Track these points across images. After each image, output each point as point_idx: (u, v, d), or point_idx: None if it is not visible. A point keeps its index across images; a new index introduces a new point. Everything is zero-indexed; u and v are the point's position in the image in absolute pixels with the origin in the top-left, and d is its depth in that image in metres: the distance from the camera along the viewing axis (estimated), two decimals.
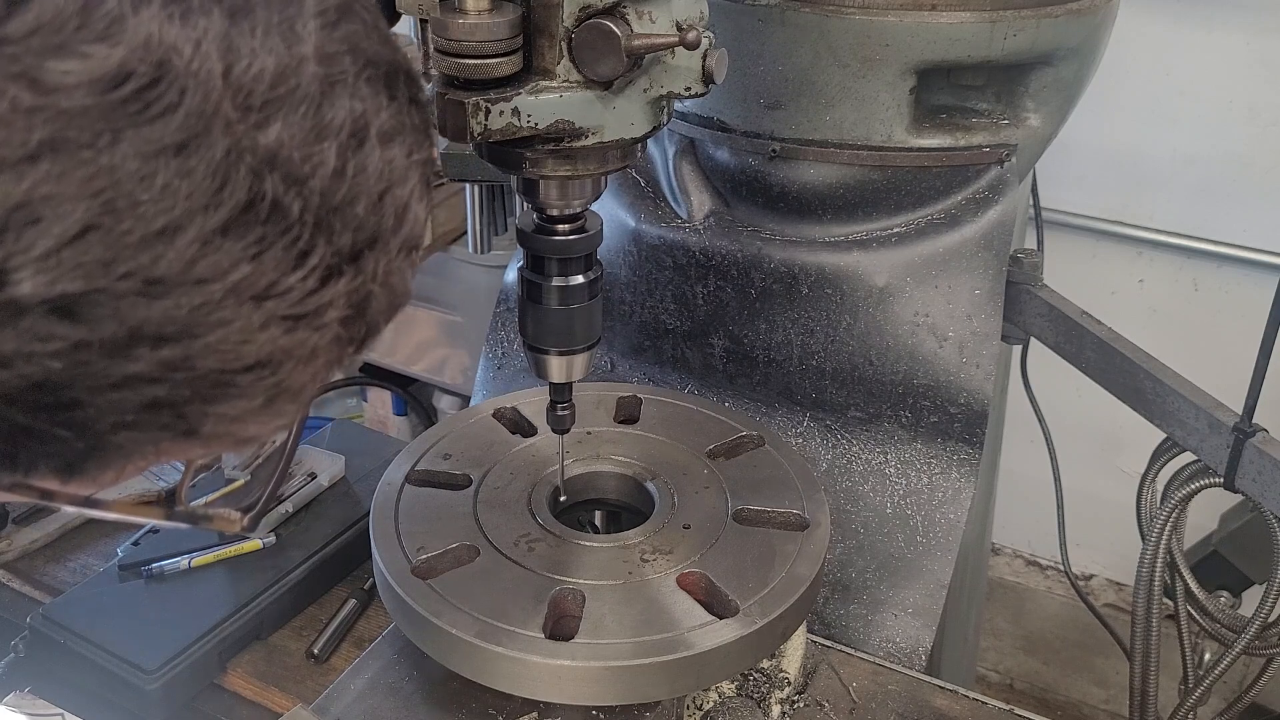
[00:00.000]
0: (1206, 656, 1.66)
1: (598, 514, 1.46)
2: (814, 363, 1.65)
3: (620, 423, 1.48)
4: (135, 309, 0.57)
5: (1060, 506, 1.90)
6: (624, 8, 1.00)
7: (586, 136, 1.05)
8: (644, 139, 1.10)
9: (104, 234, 0.55)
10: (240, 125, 0.58)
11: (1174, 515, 1.58)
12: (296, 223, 0.60)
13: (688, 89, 1.06)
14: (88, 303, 0.56)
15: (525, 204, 1.16)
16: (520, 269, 1.20)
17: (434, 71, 1.03)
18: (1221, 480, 1.50)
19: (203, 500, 0.84)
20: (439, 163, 0.73)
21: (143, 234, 0.56)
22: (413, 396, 3.48)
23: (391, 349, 3.07)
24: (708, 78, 1.06)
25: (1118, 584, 3.23)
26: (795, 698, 1.34)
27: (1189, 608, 1.63)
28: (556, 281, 1.18)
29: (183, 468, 0.80)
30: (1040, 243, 1.99)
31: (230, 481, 1.61)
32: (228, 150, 0.57)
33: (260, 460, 0.81)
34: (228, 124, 0.57)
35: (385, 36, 0.68)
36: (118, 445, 0.61)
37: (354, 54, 0.64)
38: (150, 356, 0.58)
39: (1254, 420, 1.46)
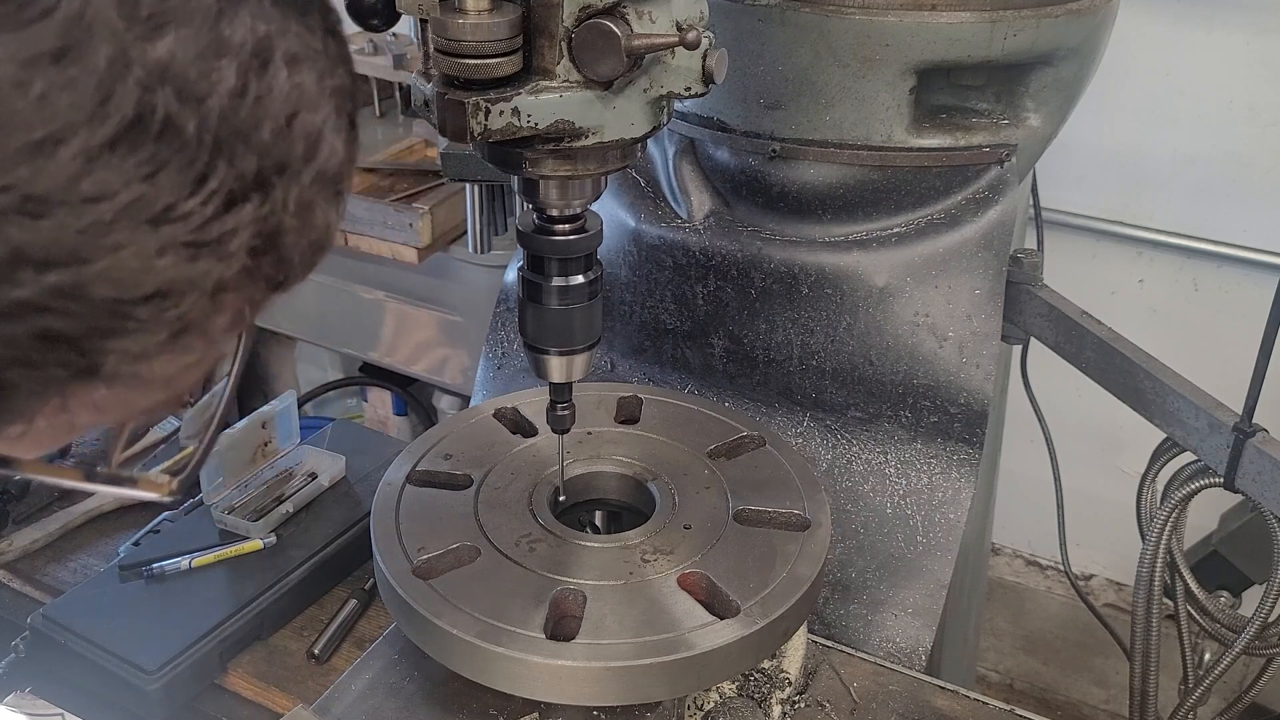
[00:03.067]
0: (1206, 656, 1.66)
1: (598, 514, 1.46)
2: (814, 363, 1.65)
3: (621, 423, 1.48)
4: (16, 227, 0.54)
5: (1060, 506, 1.90)
6: (624, 8, 1.00)
7: (586, 136, 1.05)
8: (644, 139, 1.10)
9: None
10: (128, 35, 0.56)
11: (1174, 515, 1.58)
12: (193, 142, 0.58)
13: (688, 89, 1.06)
14: None
15: (525, 204, 1.16)
16: (520, 269, 1.20)
17: (434, 71, 1.03)
18: (1221, 480, 1.50)
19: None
20: (362, 98, 0.70)
21: (19, 145, 0.54)
22: (413, 396, 3.48)
23: (391, 349, 3.07)
24: (708, 78, 1.06)
25: (1118, 584, 3.23)
26: (796, 698, 1.34)
27: (1189, 608, 1.63)
28: (556, 281, 1.18)
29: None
30: (1040, 243, 1.99)
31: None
32: (112, 60, 0.55)
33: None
34: (113, 32, 0.55)
35: None
36: (13, 385, 0.59)
37: None
38: (37, 281, 0.56)
39: (1254, 420, 1.46)
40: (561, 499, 1.35)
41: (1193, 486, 1.54)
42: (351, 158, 0.69)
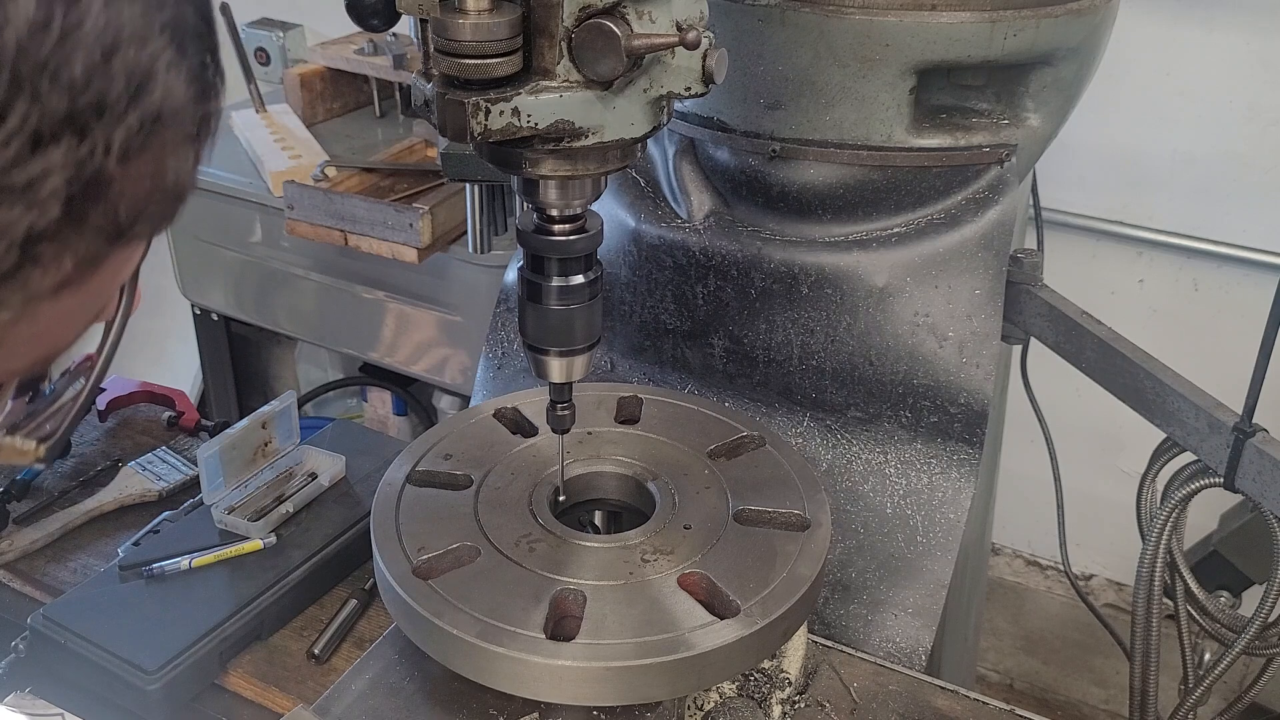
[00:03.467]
0: (1206, 656, 1.66)
1: (598, 514, 1.46)
2: (814, 363, 1.65)
3: (621, 423, 1.48)
4: None
5: (1060, 506, 1.90)
6: (624, 8, 1.00)
7: (586, 136, 1.05)
8: (644, 139, 1.10)
9: None
10: None
11: (1174, 515, 1.58)
12: None
13: (688, 89, 1.06)
14: None
15: (525, 204, 1.16)
16: (520, 269, 1.20)
17: (434, 71, 1.03)
18: (1221, 480, 1.50)
19: None
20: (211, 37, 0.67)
21: None
22: (413, 396, 3.49)
23: (391, 349, 3.07)
24: (708, 78, 1.06)
25: (1118, 584, 3.23)
26: (796, 698, 1.34)
27: (1189, 608, 1.63)
28: (557, 281, 1.18)
29: None
30: (1040, 243, 1.99)
31: None
32: None
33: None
34: None
35: None
36: None
37: None
38: None
39: (1254, 420, 1.46)
40: (561, 499, 1.35)
41: (1193, 486, 1.54)
42: (203, 99, 0.64)
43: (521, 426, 1.47)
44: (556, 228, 1.15)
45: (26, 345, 0.64)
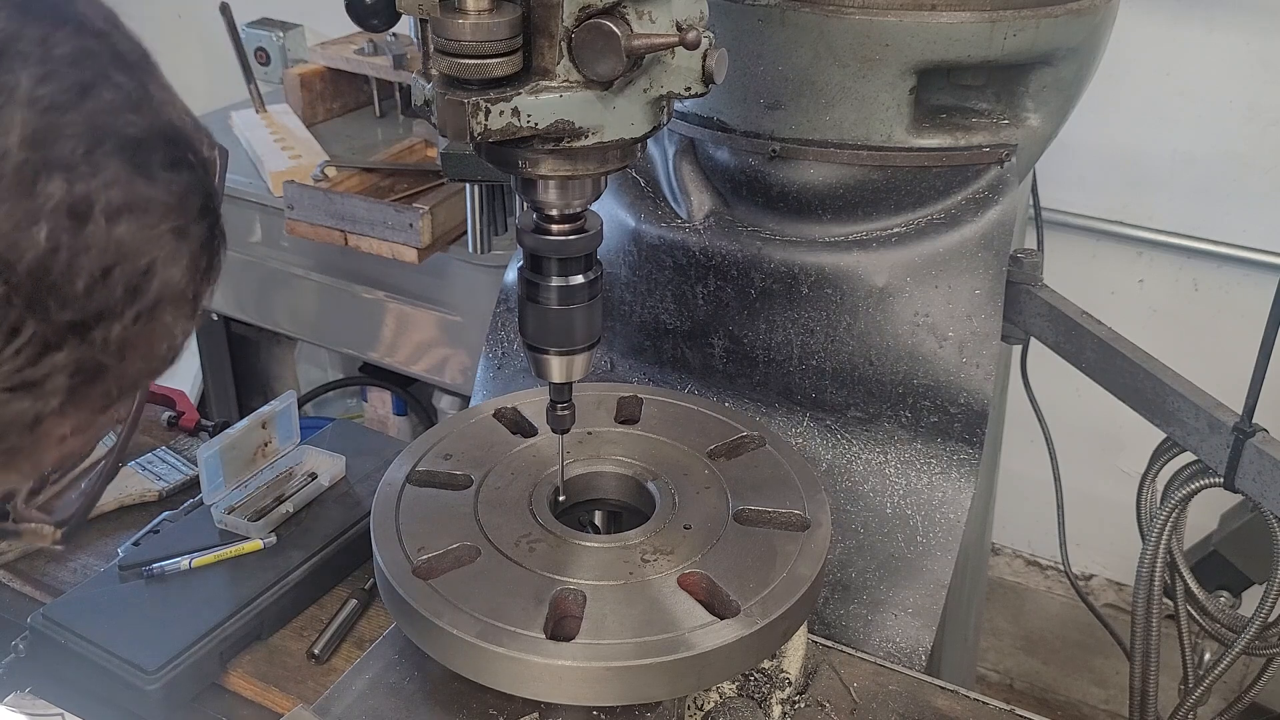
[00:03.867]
0: (1206, 656, 1.66)
1: (598, 514, 1.46)
2: (814, 363, 1.65)
3: (621, 423, 1.48)
4: None
5: (1060, 506, 1.90)
6: (624, 8, 1.00)
7: (586, 136, 1.05)
8: (644, 139, 1.10)
9: None
10: None
11: (1174, 515, 1.58)
12: (3, 303, 0.62)
13: (688, 89, 1.06)
14: None
15: (525, 204, 1.16)
16: (520, 269, 1.20)
17: (434, 71, 1.03)
18: (1221, 480, 1.50)
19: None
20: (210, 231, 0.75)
21: None
22: (413, 396, 3.49)
23: (391, 349, 3.07)
24: (708, 78, 1.06)
25: (1118, 584, 3.23)
26: (796, 698, 1.34)
27: (1189, 608, 1.63)
28: (556, 281, 1.18)
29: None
30: (1040, 243, 1.99)
31: None
32: None
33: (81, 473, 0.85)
34: None
35: (146, 104, 0.69)
36: None
37: (89, 133, 0.65)
38: None
39: (1254, 420, 1.46)
40: (561, 499, 1.35)
41: (1193, 486, 1.54)
42: (202, 275, 0.73)
43: (521, 426, 1.47)
44: (556, 227, 1.15)
45: (33, 469, 0.74)
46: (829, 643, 1.44)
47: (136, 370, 0.71)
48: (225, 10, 3.21)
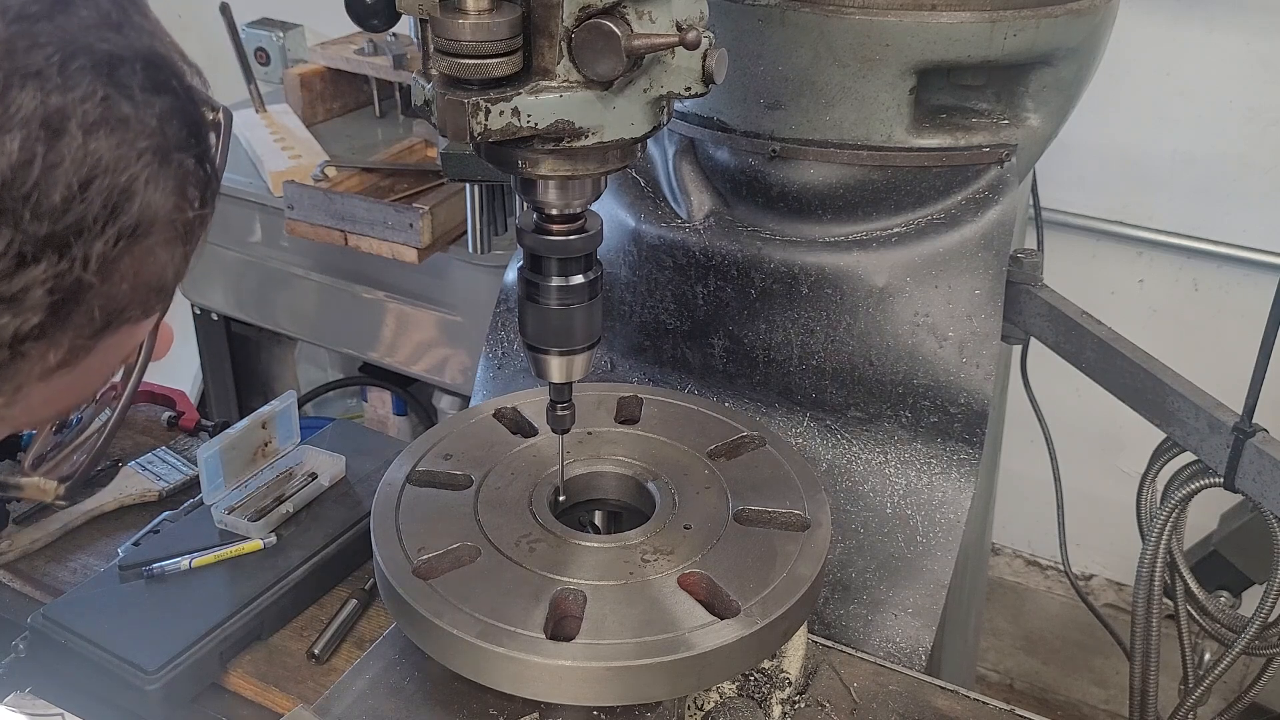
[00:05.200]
0: (1206, 656, 1.66)
1: (598, 514, 1.46)
2: (814, 363, 1.65)
3: (621, 423, 1.48)
4: None
5: (1060, 506, 1.90)
6: (624, 8, 1.00)
7: (586, 136, 1.05)
8: (644, 139, 1.10)
9: None
10: None
11: (1174, 515, 1.58)
12: None
13: (688, 89, 1.06)
14: None
15: (525, 204, 1.16)
16: (520, 269, 1.20)
17: (434, 71, 1.03)
18: (1221, 480, 1.50)
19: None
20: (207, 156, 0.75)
21: None
22: (413, 396, 3.49)
23: (391, 349, 3.07)
24: (708, 78, 1.06)
25: (1118, 584, 3.24)
26: (796, 698, 1.34)
27: (1189, 608, 1.63)
28: (556, 281, 1.18)
29: None
30: (1040, 243, 1.99)
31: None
32: None
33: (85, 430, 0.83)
34: None
35: (126, 25, 0.69)
36: None
37: (62, 46, 0.65)
38: None
39: (1254, 420, 1.46)
40: (561, 499, 1.35)
41: (1193, 486, 1.54)
42: (189, 204, 0.72)
43: (521, 426, 1.47)
44: (556, 227, 1.15)
45: (26, 417, 0.73)
46: (829, 643, 1.44)
47: (122, 295, 0.70)
48: (225, 10, 3.21)
